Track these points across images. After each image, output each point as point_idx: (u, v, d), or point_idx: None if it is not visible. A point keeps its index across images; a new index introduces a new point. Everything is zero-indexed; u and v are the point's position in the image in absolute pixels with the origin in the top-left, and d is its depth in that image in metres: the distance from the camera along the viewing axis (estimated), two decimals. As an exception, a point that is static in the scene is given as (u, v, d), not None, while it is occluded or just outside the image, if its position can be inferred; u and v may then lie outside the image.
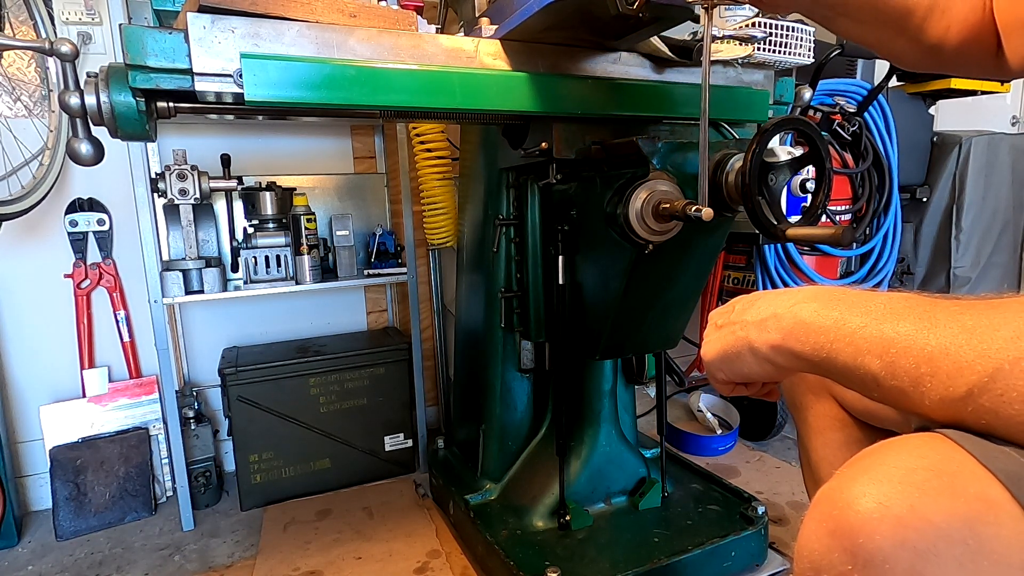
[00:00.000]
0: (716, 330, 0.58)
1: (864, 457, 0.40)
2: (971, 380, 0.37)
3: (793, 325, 0.47)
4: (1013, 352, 0.36)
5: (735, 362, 0.54)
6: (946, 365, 0.38)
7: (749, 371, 0.53)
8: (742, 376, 0.55)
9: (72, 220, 1.65)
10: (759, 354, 0.51)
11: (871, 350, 0.41)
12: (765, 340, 0.50)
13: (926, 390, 0.39)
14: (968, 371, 0.37)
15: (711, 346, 0.57)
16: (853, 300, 0.44)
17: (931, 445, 0.38)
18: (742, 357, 0.53)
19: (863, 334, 0.42)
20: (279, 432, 1.70)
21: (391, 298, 2.10)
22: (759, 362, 0.51)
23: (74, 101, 0.83)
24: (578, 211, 1.14)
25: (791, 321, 0.47)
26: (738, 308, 0.56)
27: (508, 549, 1.24)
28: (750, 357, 0.52)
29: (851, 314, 0.43)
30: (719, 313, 0.59)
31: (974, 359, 0.37)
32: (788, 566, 1.34)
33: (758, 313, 0.51)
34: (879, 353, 0.41)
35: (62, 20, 1.59)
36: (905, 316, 0.41)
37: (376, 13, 0.92)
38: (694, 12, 0.85)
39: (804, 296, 0.48)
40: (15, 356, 1.67)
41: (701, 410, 2.06)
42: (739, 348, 0.53)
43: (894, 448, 0.39)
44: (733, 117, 1.20)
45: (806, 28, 1.15)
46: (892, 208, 1.98)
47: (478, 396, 1.53)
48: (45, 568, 1.47)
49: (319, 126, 1.92)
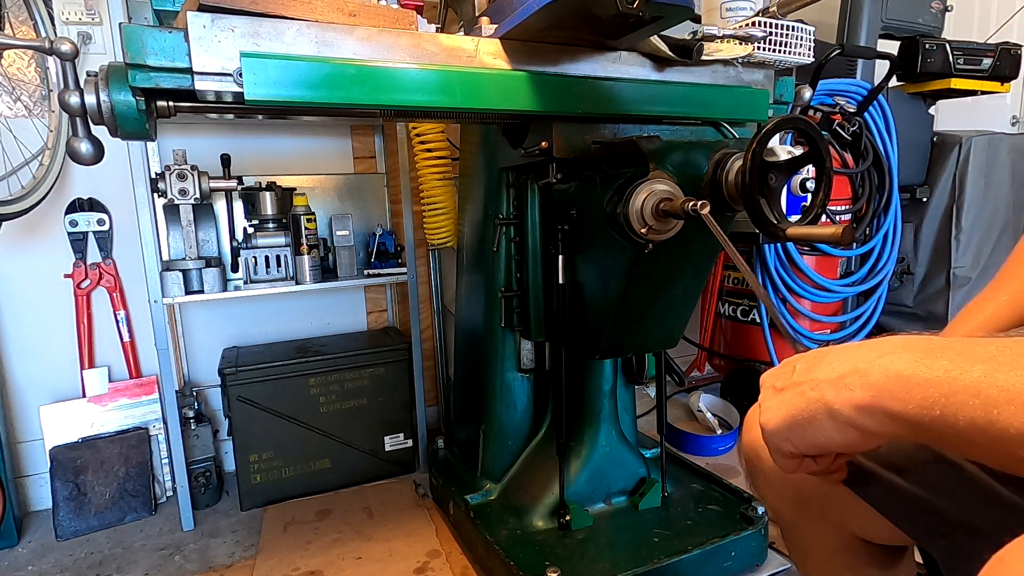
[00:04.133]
0: (776, 394, 0.48)
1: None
2: None
3: (886, 380, 0.39)
4: None
5: (807, 430, 0.45)
6: None
7: (826, 440, 0.44)
8: (816, 447, 0.46)
9: (72, 220, 1.65)
10: (840, 417, 0.42)
11: (1013, 400, 0.33)
12: (848, 400, 0.42)
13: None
14: None
15: (773, 412, 0.48)
16: (960, 347, 0.37)
17: None
18: (816, 423, 0.44)
19: (992, 382, 0.34)
20: (279, 432, 1.70)
21: (391, 298, 2.10)
22: (840, 428, 0.43)
23: (74, 100, 0.83)
24: (578, 210, 1.13)
25: (882, 375, 0.39)
26: (800, 368, 0.47)
27: (508, 549, 1.24)
28: (827, 423, 0.43)
29: (966, 362, 0.36)
30: (775, 375, 0.50)
31: None
32: (788, 566, 1.34)
33: (832, 370, 0.43)
34: (1008, 400, 0.33)
35: (62, 20, 1.59)
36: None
37: (376, 12, 0.92)
38: (694, 12, 0.85)
39: (892, 347, 0.40)
40: (15, 356, 1.67)
41: (701, 410, 2.06)
42: (813, 412, 0.44)
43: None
44: (733, 116, 1.20)
45: (806, 28, 1.15)
46: (892, 208, 1.98)
47: (478, 396, 1.53)
48: (45, 568, 1.47)
49: (319, 126, 1.92)
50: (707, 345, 2.21)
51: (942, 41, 2.00)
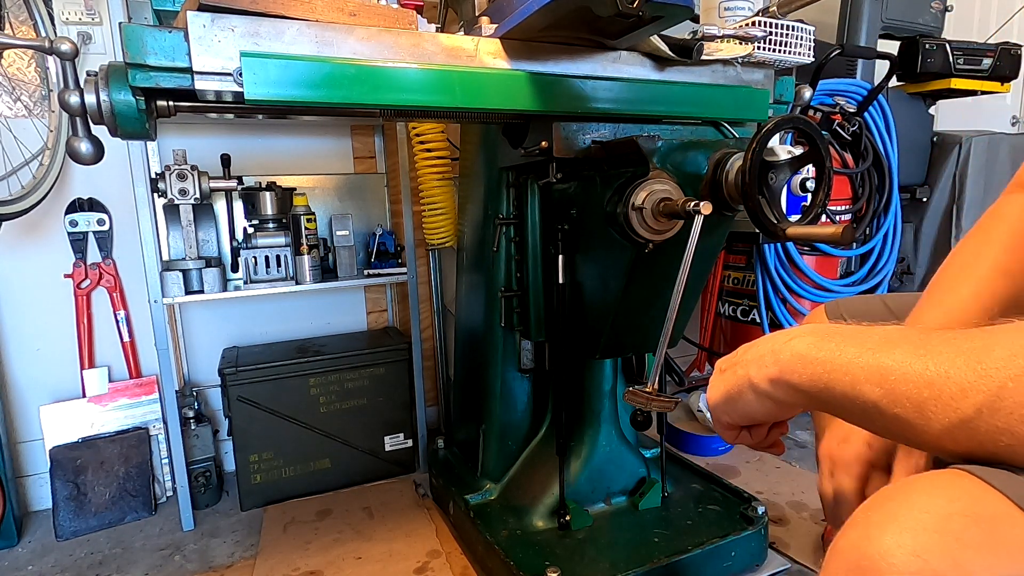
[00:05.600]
0: (719, 374, 0.57)
1: (887, 500, 0.37)
2: (978, 400, 0.35)
3: (790, 358, 0.47)
4: (1013, 370, 0.35)
5: (737, 402, 0.53)
6: (949, 388, 0.37)
7: (750, 410, 0.53)
8: (745, 416, 0.54)
9: (72, 220, 1.65)
10: (759, 390, 0.50)
11: (869, 379, 0.40)
12: (763, 375, 0.49)
13: (932, 415, 0.37)
14: (973, 391, 0.36)
15: (715, 390, 0.56)
16: (848, 333, 0.44)
17: (959, 484, 0.35)
18: (743, 396, 0.52)
19: (859, 363, 0.41)
20: (279, 432, 1.70)
21: (391, 298, 2.10)
22: (759, 399, 0.51)
23: (74, 100, 0.83)
24: (578, 210, 1.13)
25: (788, 355, 0.47)
26: (739, 352, 0.55)
27: (508, 549, 1.24)
28: (751, 395, 0.51)
29: (846, 345, 0.43)
30: (723, 359, 0.59)
31: (976, 380, 0.36)
32: (788, 566, 1.34)
33: (756, 352, 0.51)
34: (877, 381, 0.40)
35: (62, 20, 1.59)
36: (900, 344, 0.40)
37: (376, 12, 0.92)
38: (694, 11, 0.85)
39: (800, 331, 0.48)
40: (15, 356, 1.67)
41: (701, 410, 2.06)
42: (740, 387, 0.52)
43: (919, 488, 0.36)
44: (733, 116, 1.20)
45: (806, 28, 1.15)
46: (892, 208, 1.98)
47: (478, 396, 1.53)
48: (45, 568, 1.47)
49: (319, 126, 1.92)
50: (707, 345, 2.21)
51: (942, 41, 2.00)
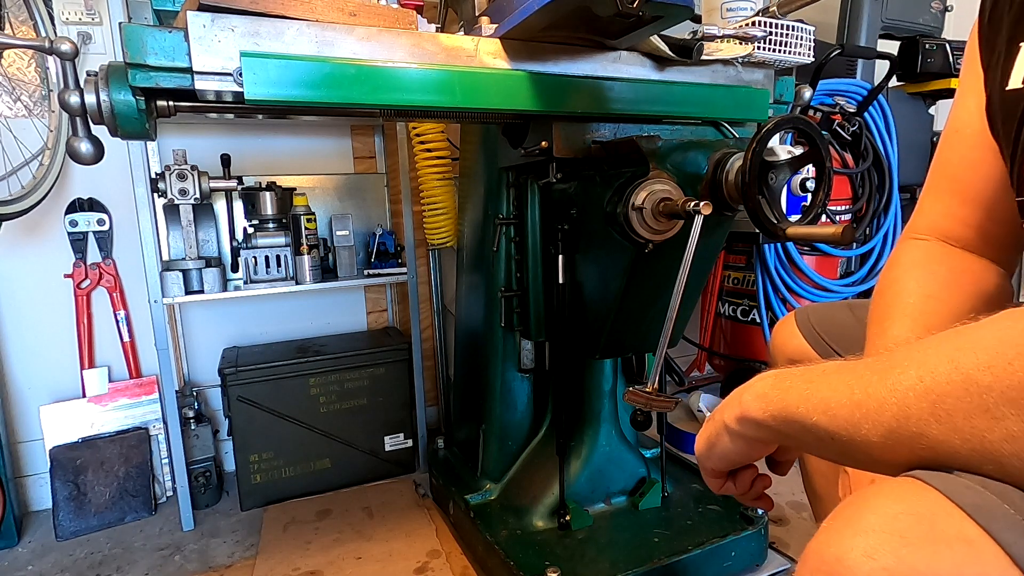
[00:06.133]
0: (703, 427, 0.61)
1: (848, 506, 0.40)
2: (893, 411, 0.40)
3: (752, 398, 0.51)
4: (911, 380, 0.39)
5: (716, 446, 0.57)
6: (871, 405, 0.41)
7: (726, 451, 0.56)
8: (723, 458, 0.57)
9: (72, 220, 1.65)
10: (730, 430, 0.54)
11: (816, 408, 0.45)
12: (732, 416, 0.53)
13: (867, 432, 0.41)
14: (888, 404, 0.40)
15: (699, 439, 0.60)
16: (799, 372, 0.49)
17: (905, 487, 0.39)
18: (720, 439, 0.56)
19: (806, 395, 0.46)
20: (279, 432, 1.70)
21: (391, 298, 2.10)
22: (732, 439, 0.55)
23: (74, 100, 0.83)
24: (578, 210, 1.13)
25: (751, 395, 0.52)
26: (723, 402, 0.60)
27: (508, 549, 1.24)
28: (725, 436, 0.55)
29: (796, 381, 0.48)
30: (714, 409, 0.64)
31: (887, 394, 0.40)
32: (788, 566, 1.34)
33: (730, 399, 0.55)
34: (823, 410, 0.44)
35: (62, 20, 1.59)
36: (835, 374, 0.45)
37: (376, 12, 0.92)
38: (694, 11, 0.85)
39: (762, 375, 0.53)
40: (15, 356, 1.67)
41: (701, 410, 2.06)
42: (717, 431, 0.56)
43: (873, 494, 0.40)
44: (733, 116, 1.20)
45: (806, 27, 1.15)
46: (892, 208, 1.98)
47: (478, 396, 1.53)
48: (45, 568, 1.47)
49: (319, 126, 1.92)
50: (707, 345, 2.21)
51: (942, 41, 2.00)
